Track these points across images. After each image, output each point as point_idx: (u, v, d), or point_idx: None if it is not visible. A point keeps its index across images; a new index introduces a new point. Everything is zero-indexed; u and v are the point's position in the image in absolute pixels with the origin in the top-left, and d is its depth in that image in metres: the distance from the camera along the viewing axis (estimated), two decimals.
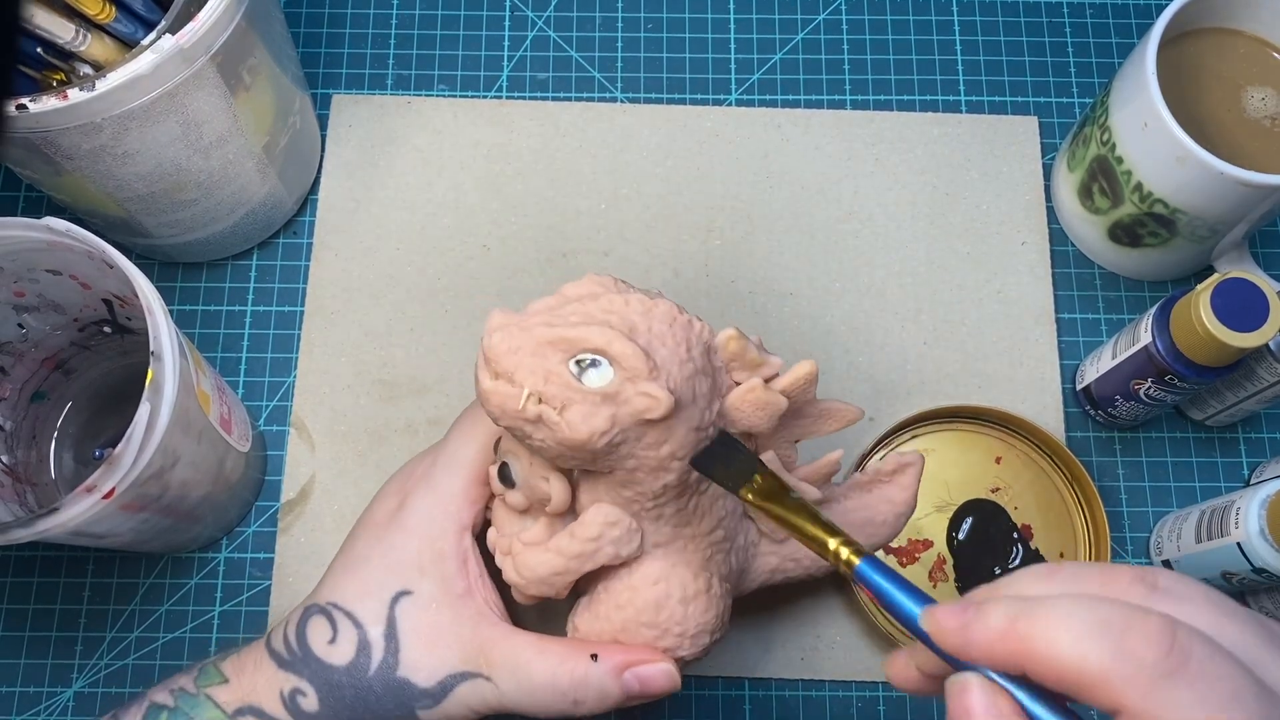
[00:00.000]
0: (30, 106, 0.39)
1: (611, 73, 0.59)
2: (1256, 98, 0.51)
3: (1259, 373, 0.48)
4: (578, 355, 0.34)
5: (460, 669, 0.37)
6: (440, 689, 0.37)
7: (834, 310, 0.55)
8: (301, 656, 0.38)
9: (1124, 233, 0.53)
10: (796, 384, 0.37)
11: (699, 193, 0.57)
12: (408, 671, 0.37)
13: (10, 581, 0.51)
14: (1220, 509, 0.47)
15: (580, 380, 0.33)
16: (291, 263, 0.56)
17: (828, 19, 0.60)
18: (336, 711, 0.37)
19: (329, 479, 0.52)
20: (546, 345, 0.34)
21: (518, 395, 0.33)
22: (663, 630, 0.38)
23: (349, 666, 0.38)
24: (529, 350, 0.34)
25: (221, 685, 0.39)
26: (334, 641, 0.38)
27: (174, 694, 0.39)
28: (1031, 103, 0.59)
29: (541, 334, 0.34)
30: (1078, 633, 0.24)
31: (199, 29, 0.41)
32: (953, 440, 0.52)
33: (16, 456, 0.49)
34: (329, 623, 0.38)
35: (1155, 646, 0.23)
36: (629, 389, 0.33)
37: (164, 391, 0.39)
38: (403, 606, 0.38)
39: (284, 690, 0.38)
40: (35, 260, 0.43)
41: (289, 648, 0.38)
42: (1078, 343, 0.55)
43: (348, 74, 0.59)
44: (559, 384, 0.33)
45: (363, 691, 0.37)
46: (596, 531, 0.36)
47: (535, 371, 0.33)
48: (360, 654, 0.38)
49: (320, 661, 0.38)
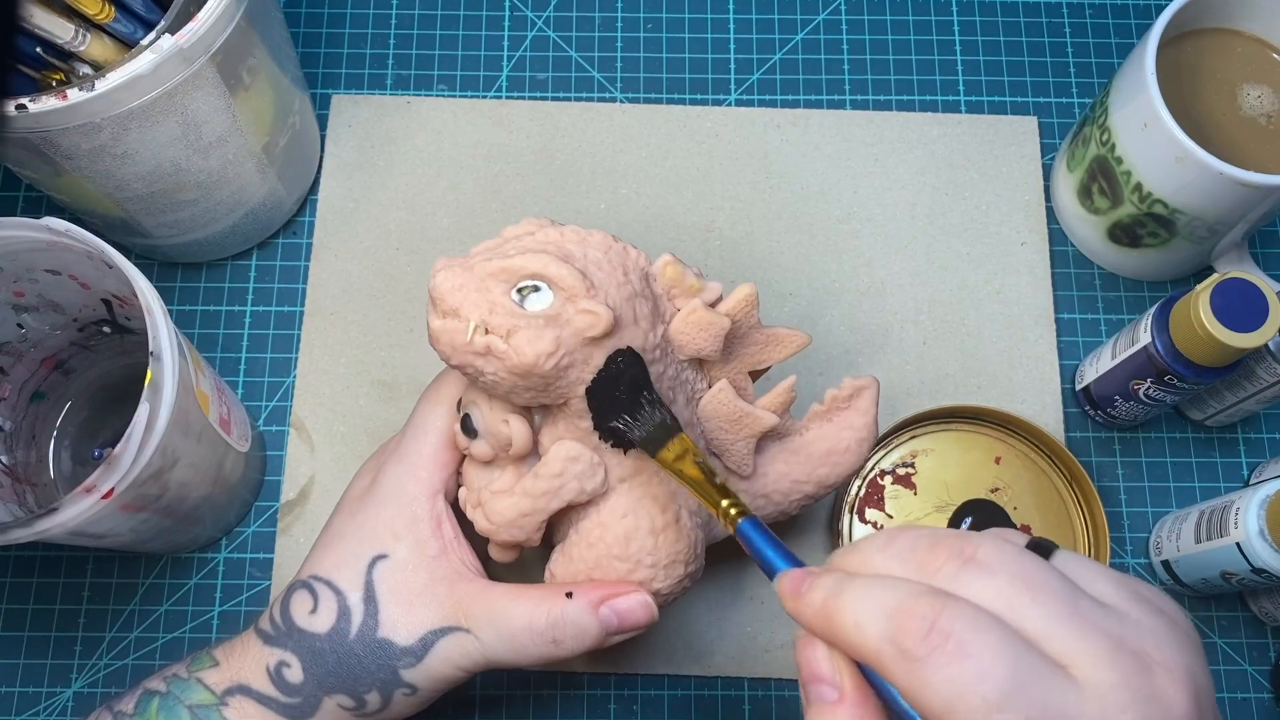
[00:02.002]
0: (30, 106, 0.39)
1: (611, 73, 0.59)
2: (1255, 98, 0.51)
3: (1258, 373, 0.48)
4: (519, 283, 0.35)
5: (439, 624, 0.38)
6: (421, 645, 0.38)
7: (834, 310, 0.55)
8: (285, 630, 0.39)
9: (1123, 233, 0.53)
10: (738, 306, 0.39)
11: (699, 193, 0.57)
12: (387, 631, 0.38)
13: (9, 582, 0.51)
14: (1219, 509, 0.47)
15: (523, 306, 0.35)
16: (291, 263, 0.56)
17: (827, 19, 0.60)
18: (319, 679, 0.38)
19: (328, 479, 0.52)
20: (488, 278, 0.35)
21: (464, 328, 0.35)
22: (635, 563, 0.38)
23: (330, 632, 0.38)
24: (472, 286, 0.35)
25: (212, 669, 0.39)
26: (315, 611, 0.39)
27: (166, 680, 0.39)
28: (1031, 103, 0.59)
29: (482, 268, 0.35)
30: (864, 615, 0.26)
31: (198, 29, 0.41)
32: (952, 440, 0.52)
33: (16, 457, 0.49)
34: (310, 594, 0.39)
35: (915, 630, 0.25)
36: (569, 309, 0.35)
37: (163, 392, 0.39)
38: (379, 570, 0.39)
39: (270, 664, 0.39)
40: (35, 260, 0.43)
41: (274, 624, 0.39)
42: (1077, 343, 0.55)
43: (347, 74, 0.59)
44: (503, 313, 0.35)
45: (345, 655, 0.38)
46: (559, 468, 0.37)
47: (479, 304, 0.35)
48: (340, 619, 0.38)
49: (303, 631, 0.39)
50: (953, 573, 0.27)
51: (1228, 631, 0.52)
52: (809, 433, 0.43)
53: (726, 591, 0.51)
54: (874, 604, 0.26)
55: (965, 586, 0.26)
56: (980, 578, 0.26)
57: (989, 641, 0.25)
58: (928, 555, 0.27)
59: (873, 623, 0.26)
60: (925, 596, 0.26)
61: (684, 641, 0.50)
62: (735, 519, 0.33)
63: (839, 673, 0.28)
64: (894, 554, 0.28)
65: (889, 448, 0.52)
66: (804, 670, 0.28)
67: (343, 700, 0.38)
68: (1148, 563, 0.52)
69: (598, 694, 0.50)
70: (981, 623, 0.25)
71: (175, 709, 0.38)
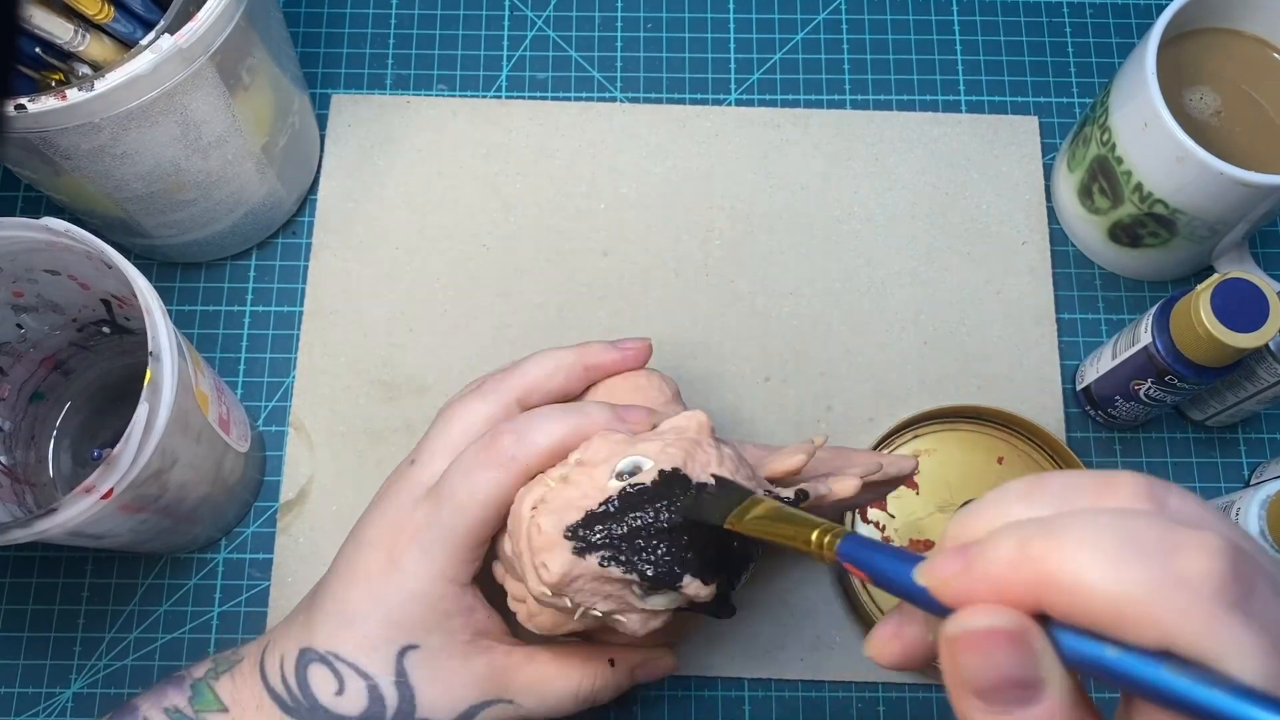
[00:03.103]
0: (29, 106, 0.39)
1: (611, 72, 0.59)
2: (1257, 98, 0.51)
3: (1259, 373, 0.48)
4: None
5: (481, 699, 0.38)
6: (464, 718, 0.38)
7: (834, 310, 0.55)
8: (309, 707, 0.38)
9: (1124, 233, 0.53)
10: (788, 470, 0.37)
11: (699, 193, 0.57)
12: (427, 711, 0.38)
13: (9, 582, 0.51)
14: (1220, 509, 0.47)
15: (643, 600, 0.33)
16: (291, 263, 0.56)
17: (827, 19, 0.60)
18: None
19: (328, 479, 0.52)
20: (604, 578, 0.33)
21: (573, 612, 0.34)
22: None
23: (362, 715, 0.37)
24: (589, 575, 0.33)
25: (219, 714, 0.38)
26: (341, 693, 0.37)
27: (168, 713, 0.38)
28: (1031, 103, 0.59)
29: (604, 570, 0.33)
30: (1111, 555, 0.19)
31: (198, 29, 0.41)
32: (955, 440, 0.52)
33: (15, 457, 0.49)
34: (332, 674, 0.37)
35: (1216, 570, 0.18)
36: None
37: (162, 392, 0.39)
38: (411, 659, 0.38)
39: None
40: (34, 260, 0.42)
41: (291, 695, 0.38)
42: (1078, 343, 0.55)
43: (347, 74, 0.59)
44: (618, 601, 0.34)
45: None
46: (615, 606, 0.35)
47: (595, 594, 0.33)
48: (373, 704, 0.37)
49: (330, 713, 0.37)
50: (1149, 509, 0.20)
51: None
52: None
53: None
54: (1122, 539, 0.19)
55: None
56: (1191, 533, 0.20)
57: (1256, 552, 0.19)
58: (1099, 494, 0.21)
59: (1131, 563, 0.18)
60: (1206, 531, 0.19)
61: (684, 643, 0.50)
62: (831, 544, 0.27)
63: (1038, 664, 0.20)
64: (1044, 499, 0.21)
65: (891, 448, 0.52)
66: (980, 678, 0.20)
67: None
68: None
69: None
70: (1271, 575, 0.19)
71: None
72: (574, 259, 0.56)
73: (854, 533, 0.26)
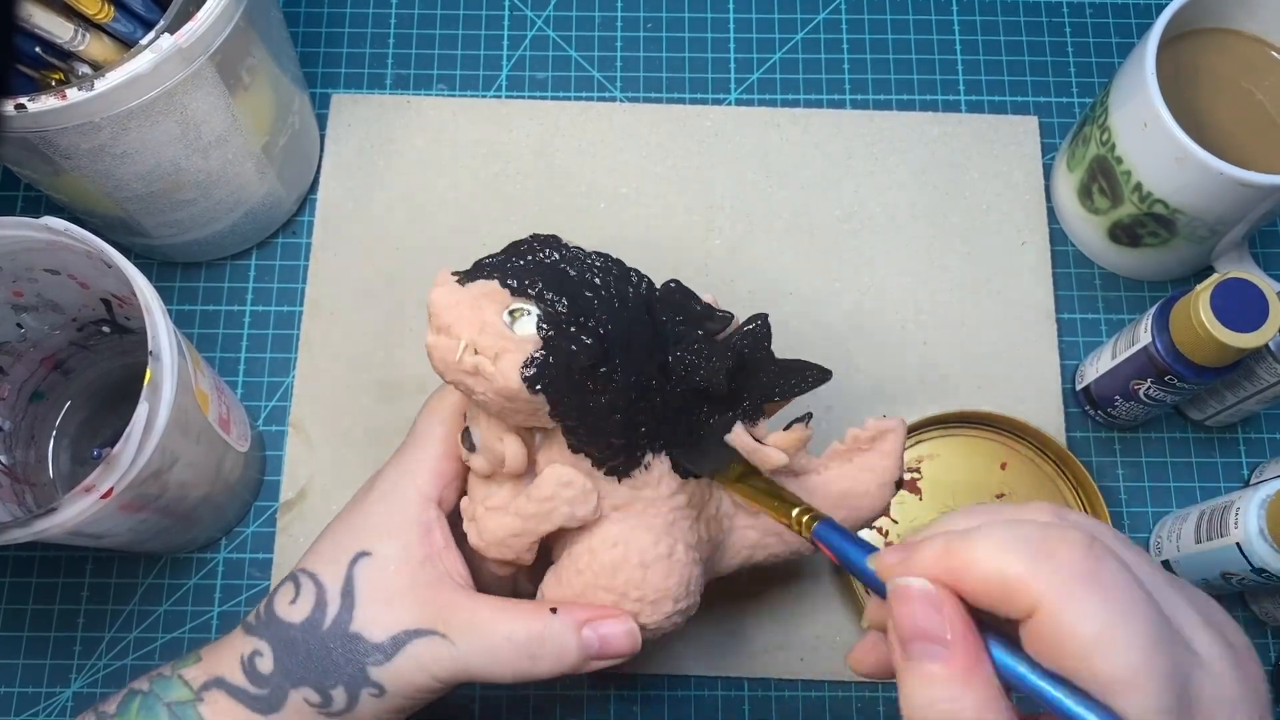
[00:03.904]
0: (29, 106, 0.39)
1: (611, 72, 0.59)
2: (1256, 97, 0.51)
3: (1258, 373, 0.48)
4: (511, 306, 0.35)
5: (414, 625, 0.38)
6: (392, 644, 0.38)
7: (834, 310, 0.55)
8: (265, 620, 0.39)
9: (1124, 233, 0.53)
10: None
11: (699, 193, 0.57)
12: (360, 626, 0.38)
13: (9, 582, 0.51)
14: (1220, 509, 0.47)
15: (513, 329, 0.34)
16: (290, 262, 0.56)
17: (827, 18, 0.60)
18: (289, 669, 0.38)
19: (328, 479, 0.52)
20: (482, 297, 0.35)
21: (455, 346, 0.34)
22: (620, 594, 0.37)
23: (305, 623, 0.38)
24: (467, 303, 0.35)
25: (194, 664, 0.39)
26: (295, 601, 0.39)
27: (151, 680, 0.39)
28: (1031, 102, 0.59)
29: (477, 287, 0.35)
30: (1001, 547, 0.26)
31: (198, 28, 0.41)
32: (958, 445, 0.52)
33: (15, 456, 0.48)
34: (294, 586, 0.39)
35: (1073, 551, 0.25)
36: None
37: (162, 391, 0.39)
38: (360, 566, 0.38)
39: (244, 654, 0.38)
40: (34, 260, 0.42)
41: (257, 615, 0.40)
42: (1078, 343, 0.55)
43: (347, 73, 0.59)
44: (493, 334, 0.34)
45: (315, 647, 0.38)
46: (550, 491, 0.37)
47: (471, 323, 0.34)
48: (316, 610, 0.38)
49: (280, 621, 0.39)
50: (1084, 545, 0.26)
51: None
52: (827, 472, 0.40)
53: (726, 592, 0.51)
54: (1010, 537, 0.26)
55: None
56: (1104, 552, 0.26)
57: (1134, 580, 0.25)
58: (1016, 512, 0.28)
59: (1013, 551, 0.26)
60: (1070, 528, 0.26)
61: (684, 642, 0.50)
62: (810, 524, 0.33)
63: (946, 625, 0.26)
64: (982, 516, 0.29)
65: None
66: (904, 626, 0.27)
67: (309, 695, 0.38)
68: None
69: (598, 694, 0.50)
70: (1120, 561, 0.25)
71: (154, 707, 0.38)
72: None
73: (829, 519, 0.32)
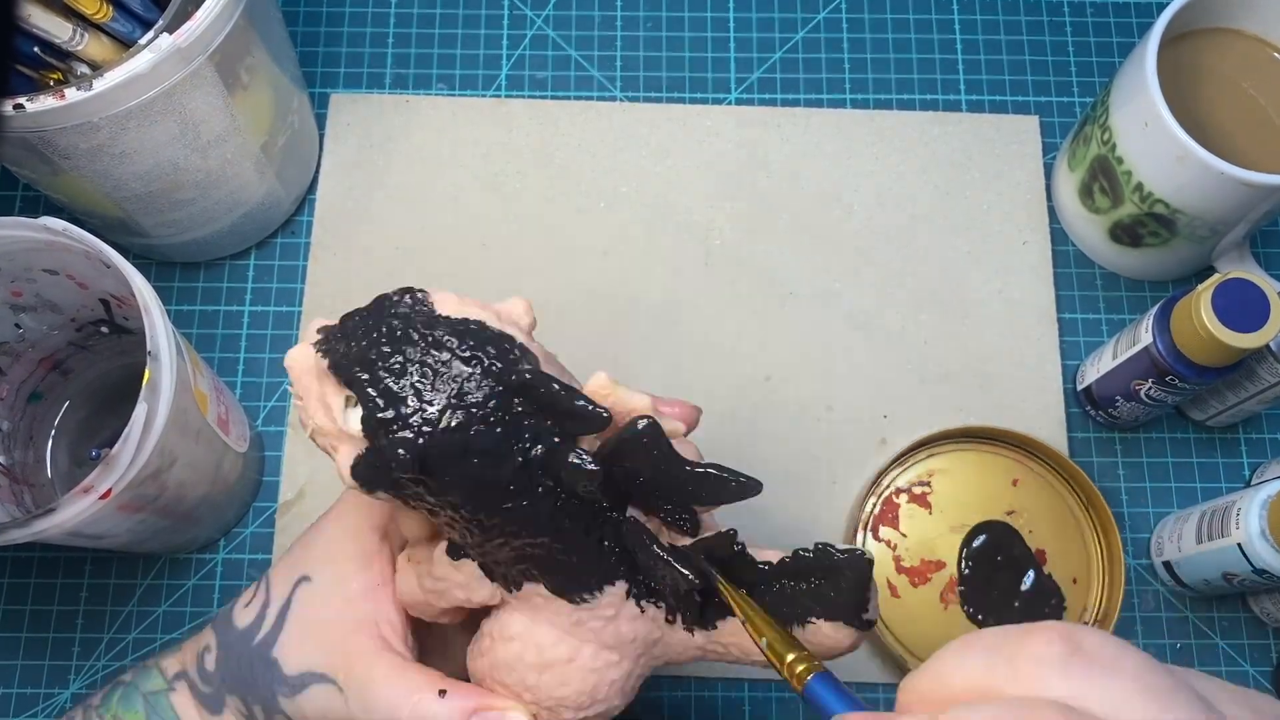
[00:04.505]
0: (27, 106, 0.39)
1: (611, 72, 0.59)
2: (1256, 98, 0.51)
3: (1259, 373, 0.48)
4: (345, 392, 0.30)
5: (318, 669, 0.36)
6: (298, 681, 0.36)
7: (834, 310, 0.55)
8: (223, 619, 0.38)
9: (1124, 233, 0.53)
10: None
11: (699, 192, 0.57)
12: (279, 653, 0.37)
13: (7, 583, 0.51)
14: (1221, 510, 0.47)
15: (346, 419, 0.30)
16: (290, 262, 0.56)
17: (828, 18, 0.60)
18: (224, 672, 0.37)
19: (327, 480, 0.52)
20: (326, 374, 0.30)
21: (309, 425, 0.31)
22: (516, 693, 0.34)
23: (243, 630, 0.38)
24: (313, 376, 0.31)
25: (173, 655, 0.39)
26: (249, 605, 0.38)
27: (136, 671, 0.39)
28: (1032, 102, 0.59)
29: (320, 361, 0.30)
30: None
31: (196, 28, 0.41)
32: (970, 460, 0.52)
33: (14, 457, 0.48)
34: (254, 588, 0.38)
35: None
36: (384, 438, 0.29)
37: (161, 392, 0.39)
38: (301, 590, 0.38)
39: (199, 648, 0.38)
40: (32, 260, 0.42)
41: (222, 611, 0.39)
42: (1078, 343, 0.55)
43: (346, 73, 0.59)
44: (330, 422, 0.30)
45: (244, 659, 0.37)
46: (442, 573, 0.34)
47: (316, 405, 0.30)
48: (255, 621, 0.38)
49: (230, 622, 0.38)
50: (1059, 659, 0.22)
51: (1229, 633, 0.51)
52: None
53: None
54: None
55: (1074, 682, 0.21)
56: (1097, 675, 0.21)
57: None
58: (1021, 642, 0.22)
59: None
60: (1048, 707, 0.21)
61: None
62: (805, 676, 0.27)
63: None
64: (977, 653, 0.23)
65: (905, 466, 0.52)
66: None
67: (238, 705, 0.37)
68: (1149, 564, 0.52)
69: None
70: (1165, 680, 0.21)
71: (133, 697, 0.38)
72: (574, 259, 0.55)
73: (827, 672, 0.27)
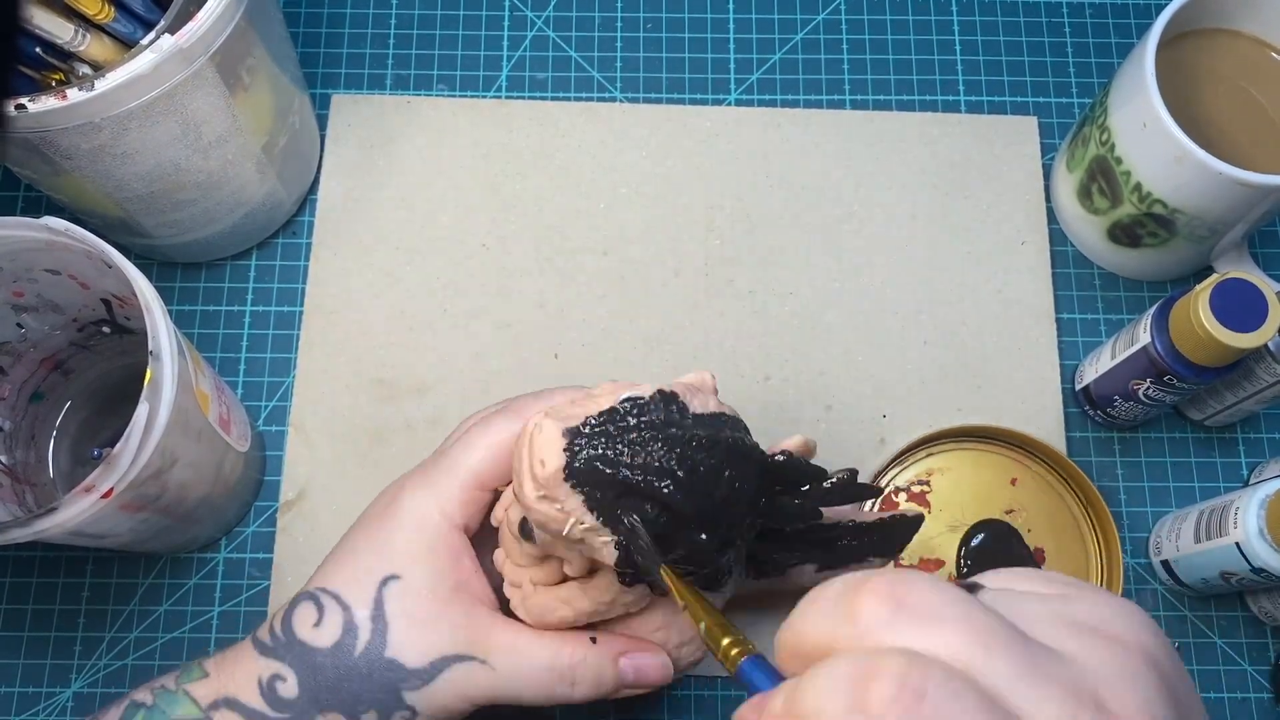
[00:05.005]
0: (29, 106, 0.39)
1: (611, 73, 0.59)
2: (1256, 98, 0.51)
3: (1258, 373, 0.48)
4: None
5: (453, 651, 0.37)
6: (431, 669, 0.37)
7: (834, 310, 0.55)
8: (285, 642, 0.38)
9: (1123, 233, 0.53)
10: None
11: (699, 193, 0.57)
12: (396, 651, 0.37)
13: (9, 582, 0.51)
14: (1219, 509, 0.47)
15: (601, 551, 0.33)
16: (290, 263, 0.56)
17: (827, 19, 0.60)
18: (315, 694, 0.37)
19: (328, 479, 0.52)
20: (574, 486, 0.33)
21: (563, 520, 0.33)
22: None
23: (333, 648, 0.37)
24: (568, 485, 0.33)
25: (201, 680, 0.38)
26: (319, 625, 0.38)
27: (154, 692, 0.38)
28: (1031, 103, 0.59)
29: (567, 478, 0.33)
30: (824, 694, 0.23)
31: (198, 29, 0.41)
32: (968, 459, 0.52)
33: (15, 457, 0.49)
34: (315, 607, 0.38)
35: (883, 694, 0.22)
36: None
37: (162, 391, 0.39)
38: (391, 590, 0.38)
39: (263, 677, 0.37)
40: (34, 260, 0.42)
41: (274, 636, 0.38)
42: (1077, 343, 0.55)
43: (347, 74, 0.59)
44: (590, 521, 0.33)
45: (345, 672, 0.37)
46: (610, 596, 0.37)
47: (576, 506, 0.33)
48: (346, 635, 0.37)
49: (304, 645, 0.37)
50: (885, 619, 0.23)
51: (1227, 631, 0.52)
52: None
53: None
54: (831, 680, 0.23)
55: (903, 635, 0.23)
56: (922, 626, 0.23)
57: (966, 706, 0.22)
58: (853, 600, 0.24)
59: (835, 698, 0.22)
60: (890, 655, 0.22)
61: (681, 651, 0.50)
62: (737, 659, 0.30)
63: None
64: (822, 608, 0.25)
65: (904, 465, 0.52)
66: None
67: (335, 719, 0.37)
68: (1147, 563, 0.52)
69: None
70: (954, 682, 0.22)
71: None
72: (574, 259, 0.56)
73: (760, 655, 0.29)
